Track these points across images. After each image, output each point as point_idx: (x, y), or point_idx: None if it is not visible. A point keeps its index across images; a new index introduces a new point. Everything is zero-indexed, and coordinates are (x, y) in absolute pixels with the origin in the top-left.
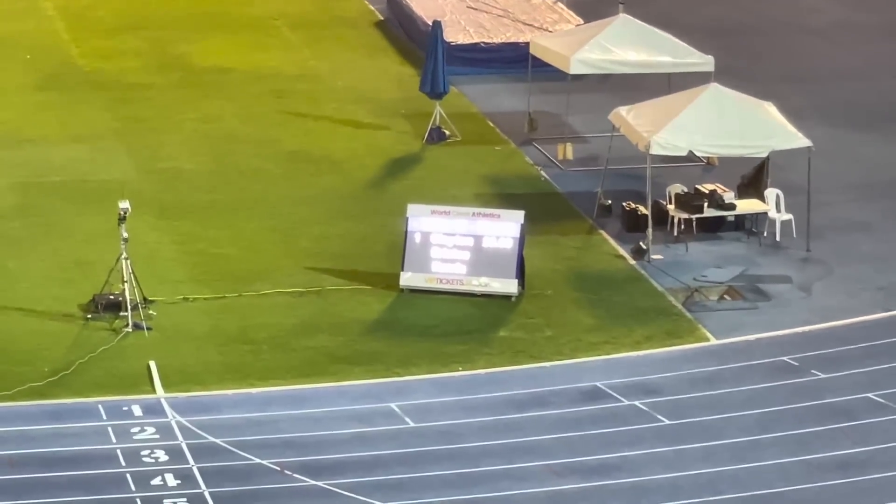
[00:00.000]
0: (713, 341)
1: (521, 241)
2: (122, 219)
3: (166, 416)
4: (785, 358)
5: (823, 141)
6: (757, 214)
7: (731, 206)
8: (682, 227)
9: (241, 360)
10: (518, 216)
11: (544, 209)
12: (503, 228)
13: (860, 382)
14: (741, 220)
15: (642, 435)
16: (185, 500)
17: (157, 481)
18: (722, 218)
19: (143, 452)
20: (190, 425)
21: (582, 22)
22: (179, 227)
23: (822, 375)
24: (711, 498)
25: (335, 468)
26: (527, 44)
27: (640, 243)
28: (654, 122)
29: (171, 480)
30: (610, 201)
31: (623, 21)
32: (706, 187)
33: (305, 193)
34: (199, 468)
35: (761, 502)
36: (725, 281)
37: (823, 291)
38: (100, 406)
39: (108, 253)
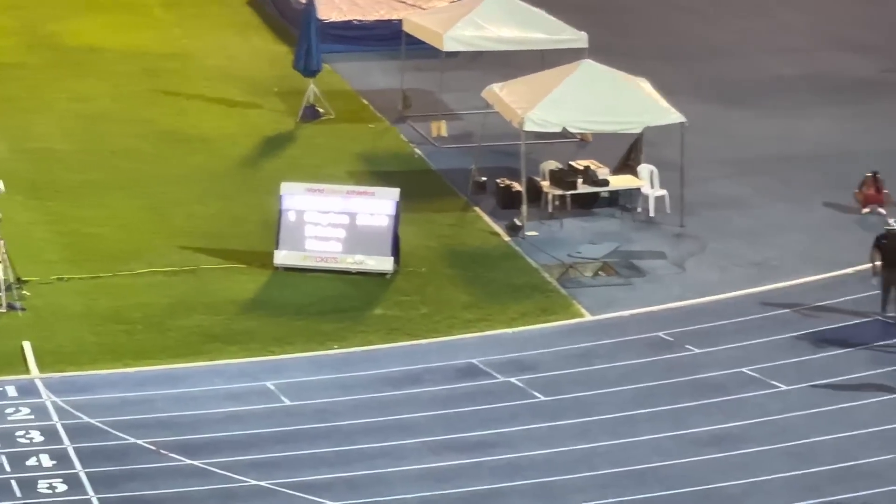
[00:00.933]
0: (588, 317)
1: (396, 219)
2: None
3: (41, 397)
4: (659, 333)
5: (696, 117)
6: (631, 190)
7: (605, 182)
8: (557, 203)
9: (116, 339)
10: (393, 194)
11: (419, 187)
12: (378, 206)
13: (734, 357)
14: (615, 196)
15: (518, 411)
16: (60, 480)
17: (32, 462)
18: (596, 194)
19: (18, 433)
20: (65, 405)
21: None
22: (52, 206)
23: (696, 350)
24: (586, 474)
25: (211, 447)
26: (400, 21)
27: (515, 220)
28: (527, 98)
29: (47, 461)
30: (484, 178)
31: None
32: (580, 164)
33: (178, 172)
34: (74, 448)
35: (636, 477)
36: (600, 257)
37: (697, 267)
38: None
39: None
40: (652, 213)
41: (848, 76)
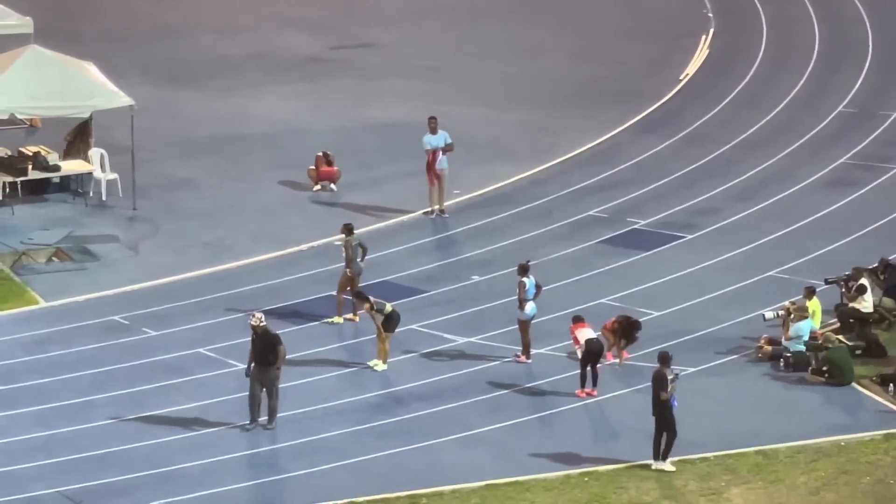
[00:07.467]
0: (42, 304)
1: None
2: None
3: None
4: (115, 317)
5: (146, 99)
6: (82, 175)
7: (56, 168)
8: (8, 190)
9: None
10: None
11: None
12: None
13: (190, 338)
14: (67, 181)
15: None
16: None
17: None
18: (47, 179)
19: None
20: None
21: None
22: None
23: (153, 333)
24: (46, 461)
25: None
26: None
27: None
28: None
29: None
30: None
31: None
32: (30, 149)
33: None
34: None
35: (96, 462)
36: (53, 243)
37: (151, 249)
38: None
39: None
40: (104, 197)
41: (295, 54)
